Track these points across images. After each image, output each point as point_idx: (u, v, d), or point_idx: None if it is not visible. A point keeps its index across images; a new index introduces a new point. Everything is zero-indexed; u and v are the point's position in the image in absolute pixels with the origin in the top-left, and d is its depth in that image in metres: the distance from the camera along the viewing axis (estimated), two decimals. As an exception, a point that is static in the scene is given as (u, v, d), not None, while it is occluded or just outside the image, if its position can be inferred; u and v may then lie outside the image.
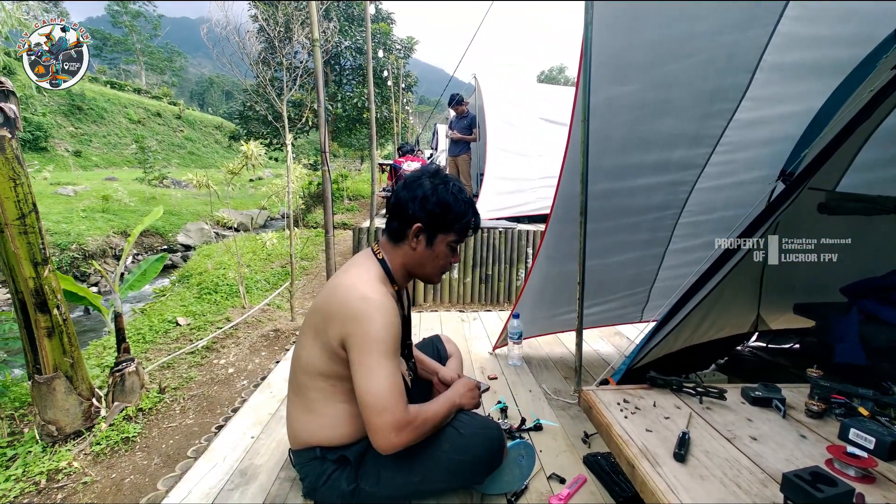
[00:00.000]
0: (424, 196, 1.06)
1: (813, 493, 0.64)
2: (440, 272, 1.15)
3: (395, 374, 0.97)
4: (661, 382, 1.13)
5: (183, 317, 3.69)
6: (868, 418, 0.94)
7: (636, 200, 2.18)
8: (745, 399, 1.07)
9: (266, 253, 6.08)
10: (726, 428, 0.95)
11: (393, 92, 12.13)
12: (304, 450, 1.14)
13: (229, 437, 1.53)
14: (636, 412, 1.02)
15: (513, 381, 2.05)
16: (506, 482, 1.23)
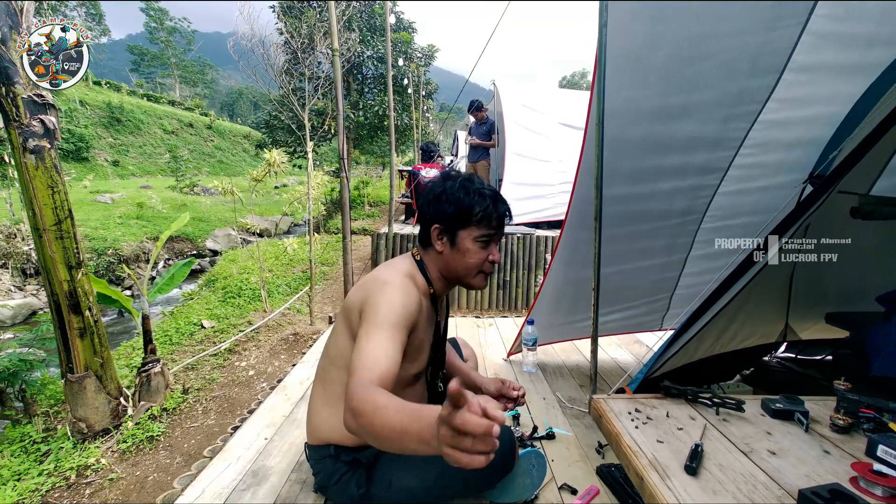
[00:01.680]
0: (436, 197, 1.07)
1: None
2: (476, 272, 1.08)
3: (381, 348, 0.86)
4: (675, 392, 1.10)
5: (207, 320, 3.81)
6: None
7: (656, 205, 2.13)
8: (765, 411, 1.02)
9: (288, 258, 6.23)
10: (743, 441, 0.91)
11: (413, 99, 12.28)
12: (320, 446, 1.14)
13: (244, 438, 1.56)
14: (648, 422, 0.99)
15: (527, 388, 2.01)
16: (516, 491, 1.21)
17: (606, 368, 2.34)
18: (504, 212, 1.09)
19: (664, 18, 1.59)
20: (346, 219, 2.92)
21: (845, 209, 2.01)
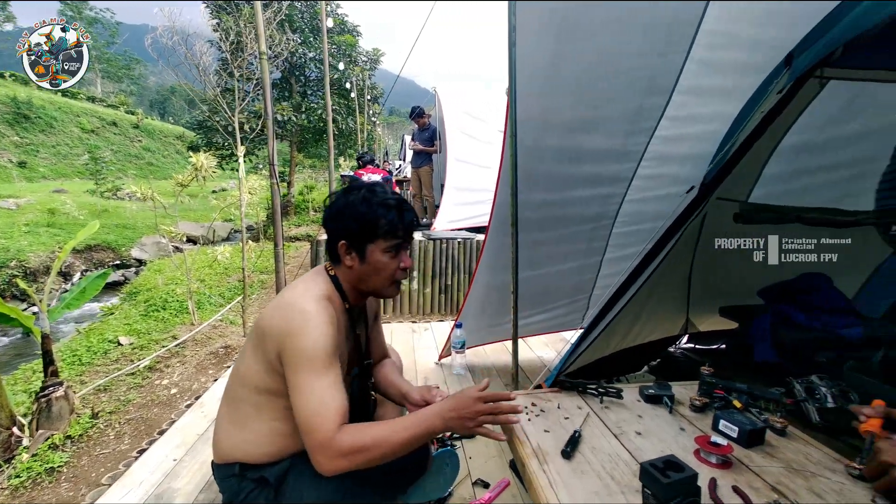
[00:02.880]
0: (338, 212, 1.06)
1: (660, 479, 0.70)
2: (390, 283, 1.10)
3: (326, 391, 0.93)
4: (568, 385, 1.20)
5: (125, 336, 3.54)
6: (740, 410, 1.03)
7: (572, 211, 2.28)
8: (640, 397, 1.14)
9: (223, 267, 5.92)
10: (617, 425, 1.02)
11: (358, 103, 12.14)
12: (225, 465, 1.12)
13: (149, 461, 1.48)
14: (540, 414, 1.08)
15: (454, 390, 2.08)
16: (430, 491, 1.26)
17: (532, 367, 2.47)
18: (411, 219, 1.09)
19: (568, 38, 1.73)
20: (277, 226, 2.86)
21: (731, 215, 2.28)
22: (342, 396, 0.94)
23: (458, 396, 0.93)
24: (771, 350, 2.17)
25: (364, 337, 1.25)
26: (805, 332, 2.08)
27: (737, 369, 2.42)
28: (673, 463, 0.75)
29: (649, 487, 0.74)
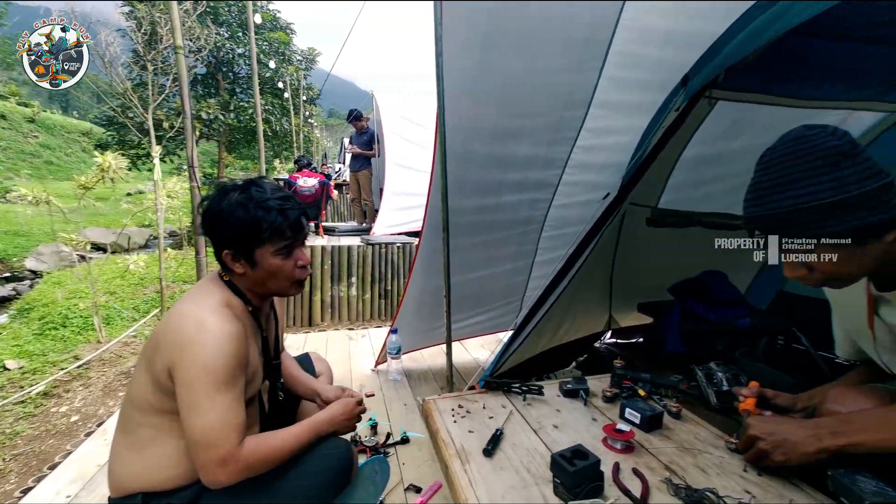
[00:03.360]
0: (215, 220, 0.99)
1: (567, 468, 0.75)
2: (290, 284, 1.06)
3: (229, 406, 0.91)
4: (494, 386, 1.24)
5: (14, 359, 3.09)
6: (644, 398, 1.13)
7: (503, 216, 2.37)
8: (560, 392, 1.21)
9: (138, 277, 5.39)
10: (537, 420, 1.07)
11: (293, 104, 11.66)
12: (125, 497, 1.02)
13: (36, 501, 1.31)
14: (466, 415, 1.10)
15: (390, 396, 2.07)
16: (360, 500, 1.23)
17: (469, 368, 2.51)
18: (297, 217, 1.02)
19: (493, 50, 1.79)
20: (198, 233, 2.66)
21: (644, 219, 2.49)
22: (243, 411, 0.93)
23: (343, 402, 1.12)
24: (679, 341, 2.39)
25: (273, 336, 1.20)
26: (705, 324, 2.32)
27: (651, 360, 2.65)
28: (580, 452, 0.80)
29: (558, 476, 0.79)
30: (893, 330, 0.90)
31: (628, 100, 2.08)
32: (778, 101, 1.93)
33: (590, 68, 1.95)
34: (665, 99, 1.88)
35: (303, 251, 1.06)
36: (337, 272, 4.39)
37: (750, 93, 1.86)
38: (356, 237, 5.15)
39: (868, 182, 0.76)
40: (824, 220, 0.78)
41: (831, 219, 0.77)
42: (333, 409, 1.12)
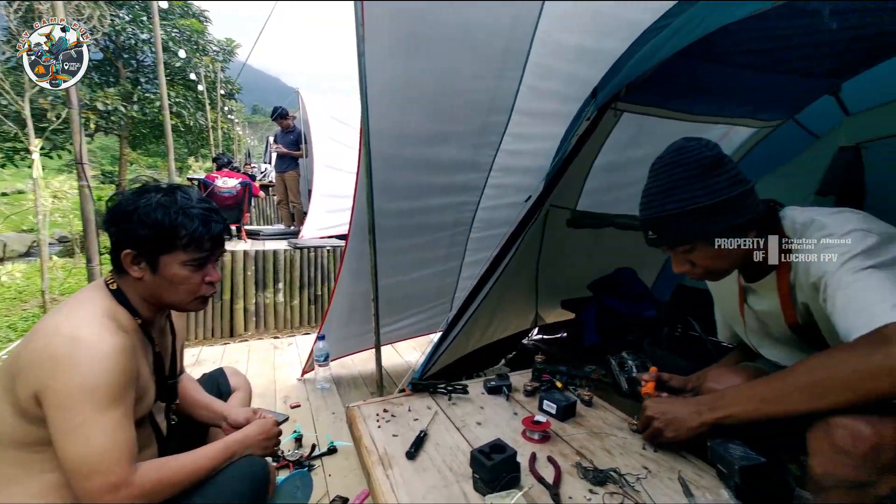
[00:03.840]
0: (124, 216, 0.91)
1: (485, 462, 0.78)
2: (192, 299, 0.98)
3: (117, 426, 0.82)
4: (421, 387, 1.25)
5: None
6: (560, 390, 1.21)
7: (431, 218, 2.39)
8: (484, 389, 1.25)
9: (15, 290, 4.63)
10: (461, 418, 1.09)
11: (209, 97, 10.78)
12: None
13: None
14: (391, 420, 1.09)
15: (317, 405, 1.99)
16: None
17: (401, 371, 2.49)
18: (219, 231, 0.97)
19: (417, 56, 1.81)
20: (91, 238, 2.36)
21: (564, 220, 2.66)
22: (132, 433, 0.84)
23: (260, 423, 1.06)
24: (596, 334, 2.58)
25: (169, 353, 1.09)
26: (618, 317, 2.53)
27: (573, 353, 2.83)
28: (498, 446, 0.83)
29: (477, 472, 0.81)
30: (758, 315, 1.04)
31: (546, 108, 2.21)
32: (673, 115, 2.17)
33: (510, 77, 2.04)
34: (578, 109, 2.02)
35: (215, 268, 0.99)
36: (262, 278, 4.13)
37: (649, 107, 2.06)
38: (283, 241, 4.90)
39: (734, 188, 0.88)
40: (701, 222, 0.88)
41: (706, 220, 0.88)
42: (249, 428, 1.06)
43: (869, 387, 0.69)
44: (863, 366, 0.70)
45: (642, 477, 0.85)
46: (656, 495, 0.80)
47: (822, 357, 0.77)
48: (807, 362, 0.78)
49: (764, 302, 1.00)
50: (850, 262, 0.78)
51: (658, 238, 0.96)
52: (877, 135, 2.14)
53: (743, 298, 1.06)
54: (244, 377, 1.52)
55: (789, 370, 0.80)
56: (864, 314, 0.73)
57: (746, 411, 0.82)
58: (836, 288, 0.79)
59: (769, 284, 0.97)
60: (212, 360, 2.62)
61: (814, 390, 0.74)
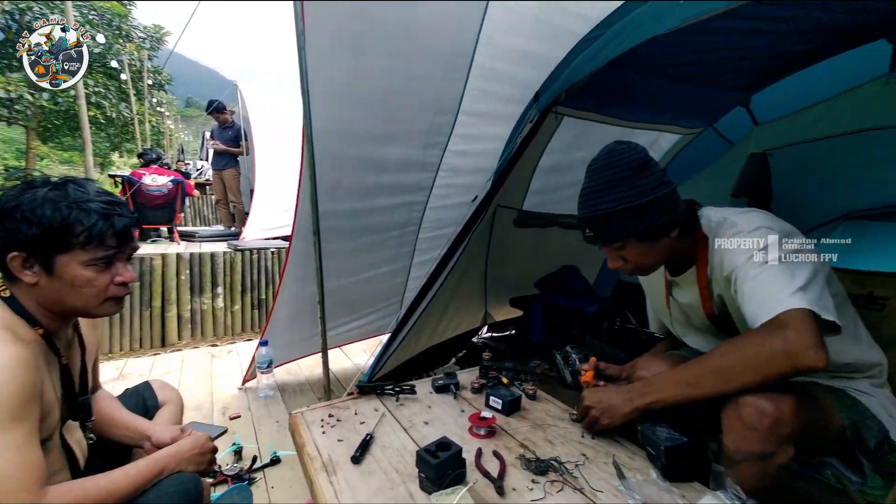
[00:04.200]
0: (5, 214, 0.81)
1: (430, 461, 0.78)
2: (100, 302, 0.88)
3: (19, 448, 0.74)
4: (367, 389, 1.23)
5: None
6: (506, 385, 1.24)
7: (380, 219, 2.36)
8: (432, 388, 1.25)
9: None
10: (409, 419, 1.09)
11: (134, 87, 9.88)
12: None
13: None
14: (336, 424, 1.06)
15: (260, 414, 1.90)
16: (219, 537, 1.10)
17: (350, 375, 2.44)
18: (124, 225, 0.87)
19: (364, 54, 1.78)
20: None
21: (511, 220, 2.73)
22: (39, 453, 0.77)
23: (194, 437, 1.00)
24: (542, 330, 2.67)
25: (79, 366, 0.99)
26: (563, 313, 2.64)
27: (521, 349, 2.92)
28: (444, 444, 0.84)
29: (423, 471, 0.81)
30: (682, 307, 1.13)
31: (492, 110, 2.26)
32: (609, 121, 2.30)
33: (456, 78, 2.06)
34: (522, 111, 2.08)
35: (126, 267, 0.90)
36: (198, 282, 3.87)
37: (587, 112, 2.17)
38: (222, 242, 4.61)
39: (660, 189, 0.95)
40: (630, 220, 0.94)
41: (635, 219, 0.94)
42: (182, 443, 0.98)
43: (770, 368, 0.78)
44: (764, 349, 0.78)
45: (580, 463, 0.90)
46: (592, 479, 0.85)
47: (732, 343, 0.85)
48: (719, 348, 0.86)
49: (686, 294, 1.09)
50: (756, 256, 0.87)
51: (594, 236, 1.01)
52: (781, 143, 2.41)
53: (669, 292, 1.15)
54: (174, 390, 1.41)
55: (706, 356, 0.87)
56: (766, 303, 0.81)
57: (671, 396, 0.89)
58: (744, 280, 0.87)
59: (690, 278, 1.06)
60: (139, 373, 2.41)
61: (725, 374, 0.82)
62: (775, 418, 0.77)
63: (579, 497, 0.80)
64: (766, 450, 0.79)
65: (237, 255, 4.09)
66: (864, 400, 0.93)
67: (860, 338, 0.99)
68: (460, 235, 1.98)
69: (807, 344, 0.75)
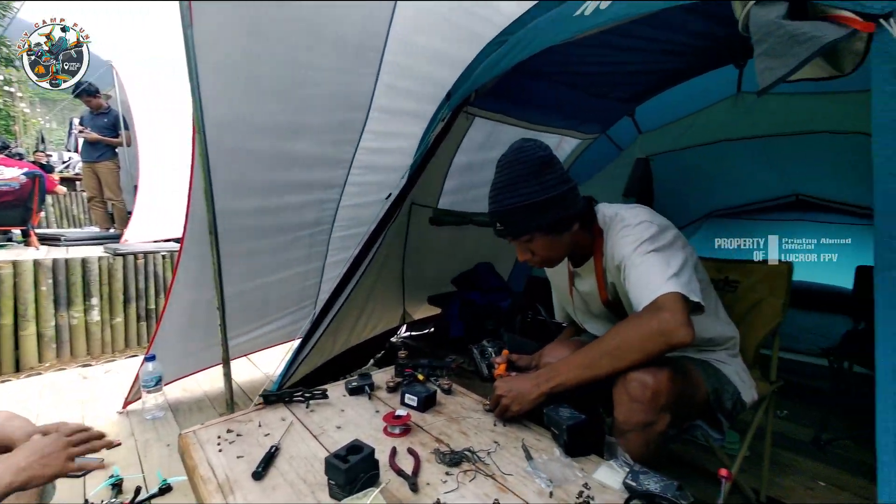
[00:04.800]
0: None
1: (339, 466, 0.75)
2: None
3: None
4: (273, 399, 1.14)
5: None
6: (422, 382, 1.24)
7: (290, 218, 2.22)
8: (346, 391, 1.21)
9: None
10: (319, 426, 1.03)
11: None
12: None
13: None
14: (236, 440, 0.97)
15: (146, 439, 1.67)
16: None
17: (258, 386, 2.27)
18: None
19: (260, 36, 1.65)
20: None
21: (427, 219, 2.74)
22: None
23: (33, 440, 0.84)
24: (460, 326, 2.73)
25: None
26: (478, 308, 2.73)
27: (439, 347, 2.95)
28: (355, 447, 0.80)
29: (332, 478, 0.77)
30: (582, 296, 1.23)
31: (405, 107, 2.24)
32: (516, 123, 2.42)
33: (367, 73, 2.01)
34: (435, 110, 2.10)
35: None
36: (65, 293, 3.28)
37: (497, 113, 2.27)
38: (97, 246, 3.98)
39: (562, 185, 1.02)
40: (537, 215, 1.00)
41: (541, 213, 1.00)
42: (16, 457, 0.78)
43: (651, 346, 0.88)
44: (645, 330, 0.88)
45: (492, 451, 0.93)
46: (503, 464, 0.88)
47: (620, 326, 0.94)
48: (610, 332, 0.95)
49: (586, 284, 1.18)
50: (640, 246, 0.98)
51: (504, 229, 1.05)
52: (659, 150, 2.75)
53: (572, 282, 1.24)
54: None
55: (599, 340, 0.96)
56: (647, 288, 0.92)
57: (573, 378, 0.96)
58: (630, 268, 0.97)
59: (589, 268, 1.15)
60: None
61: (616, 354, 0.91)
62: (655, 390, 0.87)
63: (491, 482, 0.83)
64: (649, 419, 0.89)
65: (117, 261, 3.56)
66: (722, 368, 1.09)
67: (720, 316, 1.16)
68: (375, 233, 1.94)
69: (678, 322, 0.85)
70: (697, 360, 1.09)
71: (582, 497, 0.76)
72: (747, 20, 0.87)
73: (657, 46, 1.78)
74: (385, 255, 2.29)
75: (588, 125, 2.67)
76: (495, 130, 2.51)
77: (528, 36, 1.38)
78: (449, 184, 2.73)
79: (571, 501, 0.76)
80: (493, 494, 0.78)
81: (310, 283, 2.51)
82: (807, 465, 1.55)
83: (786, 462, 1.56)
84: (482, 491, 0.80)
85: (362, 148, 2.25)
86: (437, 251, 3.00)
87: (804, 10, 0.82)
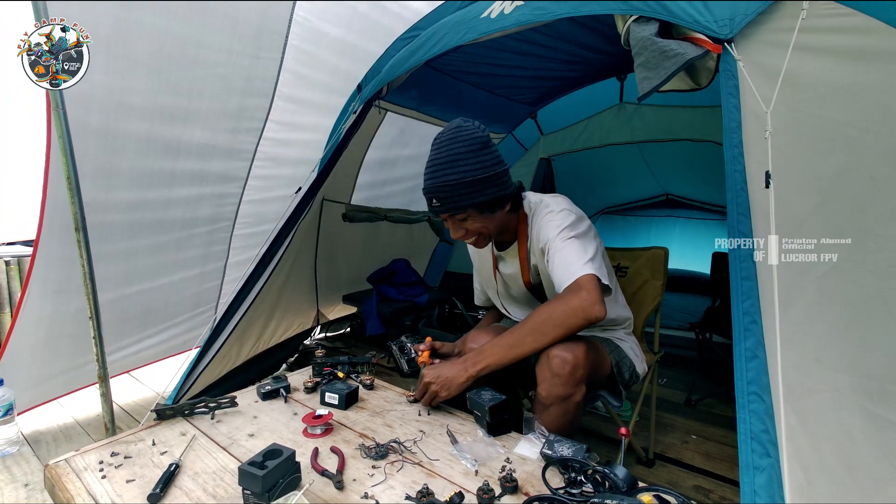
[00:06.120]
0: None
1: (255, 474, 0.69)
2: None
3: None
4: (169, 414, 1.01)
5: None
6: (343, 379, 1.20)
7: (179, 213, 1.98)
8: (259, 397, 1.11)
9: None
10: (228, 436, 0.94)
11: None
12: None
13: None
14: (123, 463, 0.84)
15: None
16: None
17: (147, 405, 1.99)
18: None
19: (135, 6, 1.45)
20: None
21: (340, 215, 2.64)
22: None
23: None
24: (378, 323, 2.68)
25: None
26: (396, 304, 2.71)
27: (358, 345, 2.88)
28: (273, 451, 0.75)
29: (248, 487, 0.71)
30: (505, 279, 1.29)
31: (313, 98, 2.14)
32: (428, 119, 2.45)
33: (267, 57, 1.88)
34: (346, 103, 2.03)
35: None
36: None
37: (409, 109, 2.27)
38: None
39: (498, 166, 1.06)
40: (475, 192, 1.02)
41: (478, 191, 1.03)
42: None
43: (570, 322, 0.96)
44: (567, 307, 0.96)
45: (419, 440, 0.93)
46: (429, 451, 0.89)
47: (543, 306, 1.01)
48: (534, 312, 1.01)
49: (509, 267, 1.24)
50: (562, 232, 1.06)
51: (440, 206, 1.06)
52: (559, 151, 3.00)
53: (495, 265, 1.29)
54: None
55: (524, 321, 1.02)
56: (569, 270, 1.00)
57: (499, 359, 1.00)
58: (554, 252, 1.05)
59: (513, 252, 1.22)
60: None
61: (538, 331, 0.97)
62: (574, 364, 0.95)
63: (419, 470, 0.83)
64: (568, 392, 0.97)
65: (-61, 271, 2.84)
66: (621, 345, 1.23)
67: (619, 300, 1.31)
68: (283, 230, 1.82)
69: (594, 300, 0.95)
70: (602, 337, 1.22)
71: (504, 471, 0.80)
72: (628, 35, 0.99)
73: (554, 54, 1.93)
74: (295, 253, 2.16)
75: (496, 125, 2.80)
76: (408, 126, 2.51)
77: (438, 33, 1.41)
78: (362, 180, 2.66)
79: (495, 476, 0.80)
80: (422, 480, 0.79)
81: (209, 286, 2.27)
82: (682, 423, 1.82)
83: (667, 423, 1.81)
84: (410, 479, 0.80)
85: (266, 139, 2.10)
86: (352, 248, 2.92)
87: (670, 30, 0.97)
